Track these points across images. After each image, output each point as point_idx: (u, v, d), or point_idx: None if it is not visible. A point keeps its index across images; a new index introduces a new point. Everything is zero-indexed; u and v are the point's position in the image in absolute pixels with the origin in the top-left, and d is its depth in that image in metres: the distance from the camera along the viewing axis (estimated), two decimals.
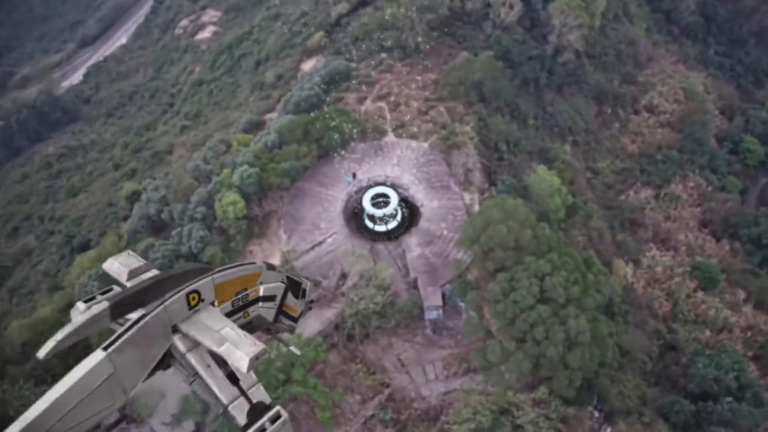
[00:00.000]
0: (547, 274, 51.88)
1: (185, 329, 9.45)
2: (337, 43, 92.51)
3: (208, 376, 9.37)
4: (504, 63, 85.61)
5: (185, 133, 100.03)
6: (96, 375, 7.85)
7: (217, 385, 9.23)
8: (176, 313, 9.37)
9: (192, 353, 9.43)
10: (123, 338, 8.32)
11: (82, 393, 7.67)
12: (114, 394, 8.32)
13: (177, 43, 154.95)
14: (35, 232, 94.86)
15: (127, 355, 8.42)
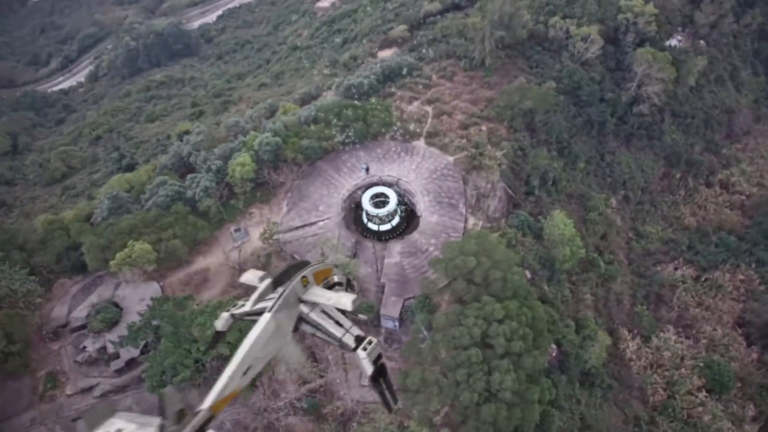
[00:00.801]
0: (497, 320, 49.44)
1: (306, 298, 15.24)
2: (416, 40, 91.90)
3: (325, 324, 15.09)
4: (569, 98, 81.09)
5: (261, 90, 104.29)
6: (269, 327, 13.74)
7: (332, 328, 14.86)
8: (298, 290, 15.14)
9: (313, 312, 15.14)
10: (277, 304, 14.30)
11: (264, 337, 13.55)
12: (279, 338, 14.44)
13: (299, 6, 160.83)
14: (109, 143, 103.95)
15: (281, 315, 14.31)
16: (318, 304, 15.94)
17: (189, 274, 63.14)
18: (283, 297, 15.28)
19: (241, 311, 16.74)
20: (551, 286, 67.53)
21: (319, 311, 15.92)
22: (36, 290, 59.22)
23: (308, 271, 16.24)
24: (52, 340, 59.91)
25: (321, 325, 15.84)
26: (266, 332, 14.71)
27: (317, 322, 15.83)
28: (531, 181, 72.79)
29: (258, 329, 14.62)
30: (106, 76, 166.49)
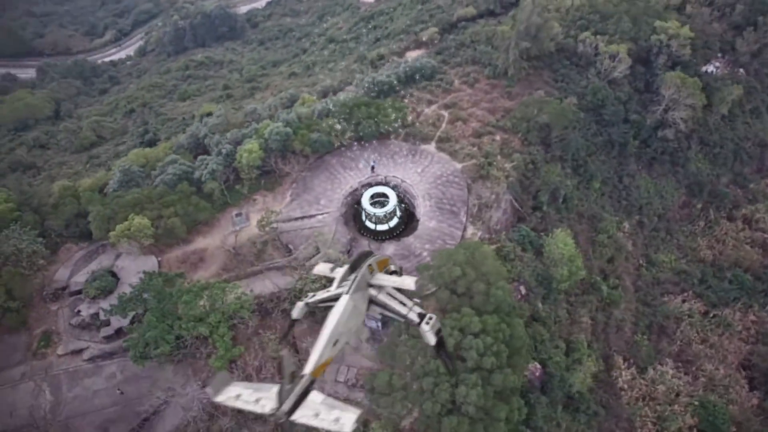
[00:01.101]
0: (473, 333, 48.80)
1: (374, 282, 19.35)
2: (444, 44, 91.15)
3: (392, 303, 19.01)
4: (591, 116, 79.08)
5: (290, 79, 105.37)
6: (348, 307, 17.70)
7: (398, 307, 18.79)
8: (367, 276, 18.98)
9: (380, 295, 19.33)
10: (353, 287, 18.37)
11: (345, 315, 17.57)
12: (357, 316, 18.65)
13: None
14: (139, 117, 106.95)
15: (356, 296, 18.25)
16: (384, 287, 19.90)
17: (187, 252, 64.55)
18: (356, 281, 18.94)
19: (315, 300, 20.77)
20: (546, 304, 66.15)
21: (386, 293, 19.89)
22: (41, 252, 61.60)
23: (373, 260, 19.90)
24: (52, 301, 62.26)
25: (388, 304, 19.71)
26: (346, 311, 18.60)
27: (385, 303, 19.68)
28: (539, 196, 71.38)
29: (339, 309, 18.58)
30: (153, 51, 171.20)
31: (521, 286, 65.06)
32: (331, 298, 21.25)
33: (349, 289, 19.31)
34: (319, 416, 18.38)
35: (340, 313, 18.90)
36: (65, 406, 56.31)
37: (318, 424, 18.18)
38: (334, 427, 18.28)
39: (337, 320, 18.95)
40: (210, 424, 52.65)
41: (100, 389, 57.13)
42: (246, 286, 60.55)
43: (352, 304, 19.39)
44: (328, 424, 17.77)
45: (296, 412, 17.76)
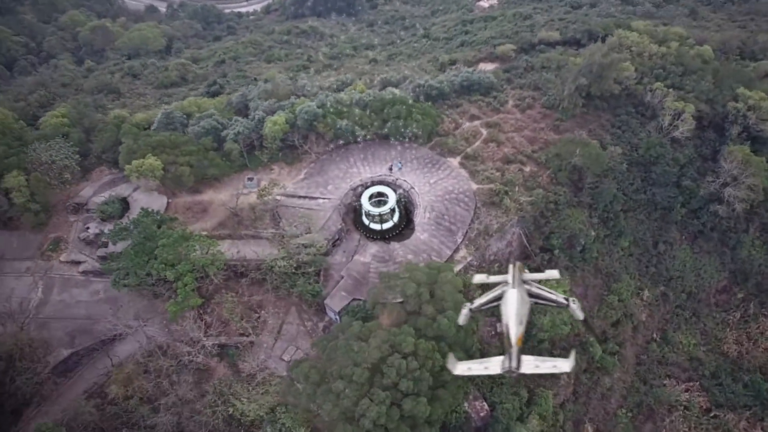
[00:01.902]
0: (403, 353, 47.60)
1: (525, 278, 30.87)
2: (515, 63, 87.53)
3: (544, 292, 30.64)
4: (639, 171, 73.00)
5: (369, 65, 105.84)
6: (518, 296, 29.19)
7: (549, 294, 30.49)
8: (519, 275, 30.27)
9: (533, 287, 30.41)
10: (516, 282, 29.82)
11: (519, 302, 29.13)
12: (526, 303, 29.77)
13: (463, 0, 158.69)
14: (223, 69, 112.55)
15: (521, 289, 29.70)
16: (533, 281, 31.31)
17: (195, 201, 67.91)
18: (516, 278, 30.01)
19: (479, 304, 32.40)
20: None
21: (535, 286, 30.74)
22: (71, 168, 67.41)
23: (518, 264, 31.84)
24: (72, 213, 68.15)
25: (541, 294, 30.56)
26: (519, 299, 29.32)
27: (538, 293, 30.40)
28: (552, 238, 67.26)
29: (514, 298, 29.54)
30: (276, 11, 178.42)
31: (498, 323, 62.23)
32: (496, 298, 32.00)
33: (514, 284, 30.16)
34: (539, 366, 29.46)
35: (516, 300, 29.57)
36: (50, 306, 61.83)
37: (542, 371, 29.44)
38: (555, 370, 30.08)
39: (517, 306, 29.51)
40: (154, 360, 55.67)
41: (82, 301, 62.05)
42: (232, 246, 63.00)
43: (520, 294, 29.69)
44: (548, 368, 29.60)
45: (521, 366, 28.52)
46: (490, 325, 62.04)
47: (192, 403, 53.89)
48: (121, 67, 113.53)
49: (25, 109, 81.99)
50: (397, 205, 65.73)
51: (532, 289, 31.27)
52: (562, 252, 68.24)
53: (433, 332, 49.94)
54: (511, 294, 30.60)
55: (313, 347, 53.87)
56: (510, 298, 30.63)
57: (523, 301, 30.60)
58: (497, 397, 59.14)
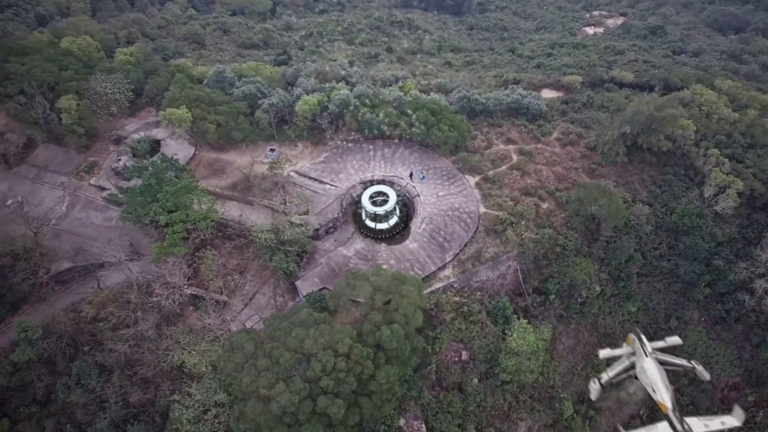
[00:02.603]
0: (334, 350, 47.47)
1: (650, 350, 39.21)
2: (577, 95, 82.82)
3: (670, 359, 39.14)
4: (667, 236, 67.18)
5: (443, 67, 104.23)
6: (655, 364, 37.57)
7: (674, 360, 38.92)
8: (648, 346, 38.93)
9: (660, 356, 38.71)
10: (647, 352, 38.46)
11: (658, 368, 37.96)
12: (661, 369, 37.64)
13: (572, 21, 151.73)
14: (307, 44, 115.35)
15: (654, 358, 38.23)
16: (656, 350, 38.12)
17: (218, 158, 70.87)
18: (646, 348, 37.41)
19: (610, 377, 39.86)
20: (482, 383, 60.44)
21: (661, 354, 38.01)
22: (120, 102, 72.47)
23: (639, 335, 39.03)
24: (113, 143, 73.45)
25: (667, 360, 37.89)
26: (656, 367, 36.54)
27: (665, 360, 37.47)
28: (549, 282, 63.73)
29: (652, 367, 37.22)
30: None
31: (464, 351, 60.39)
32: (626, 369, 39.33)
33: (646, 354, 37.37)
34: (708, 426, 35.45)
35: (655, 368, 36.45)
36: (68, 221, 67.41)
37: (712, 427, 35.46)
38: (724, 426, 35.29)
39: (659, 373, 36.34)
40: (131, 292, 59.24)
41: (95, 224, 67.03)
42: (236, 209, 65.35)
43: (655, 363, 36.07)
44: (717, 426, 35.11)
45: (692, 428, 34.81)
46: (455, 351, 60.21)
47: (150, 341, 57.01)
48: (217, 20, 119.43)
49: (110, 42, 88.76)
50: (398, 208, 65.14)
51: (659, 356, 38.13)
52: (558, 298, 64.46)
53: (374, 340, 49.27)
54: (648, 364, 37.84)
55: (265, 321, 54.94)
56: (649, 368, 37.56)
57: (660, 368, 37.30)
58: (440, 424, 57.65)
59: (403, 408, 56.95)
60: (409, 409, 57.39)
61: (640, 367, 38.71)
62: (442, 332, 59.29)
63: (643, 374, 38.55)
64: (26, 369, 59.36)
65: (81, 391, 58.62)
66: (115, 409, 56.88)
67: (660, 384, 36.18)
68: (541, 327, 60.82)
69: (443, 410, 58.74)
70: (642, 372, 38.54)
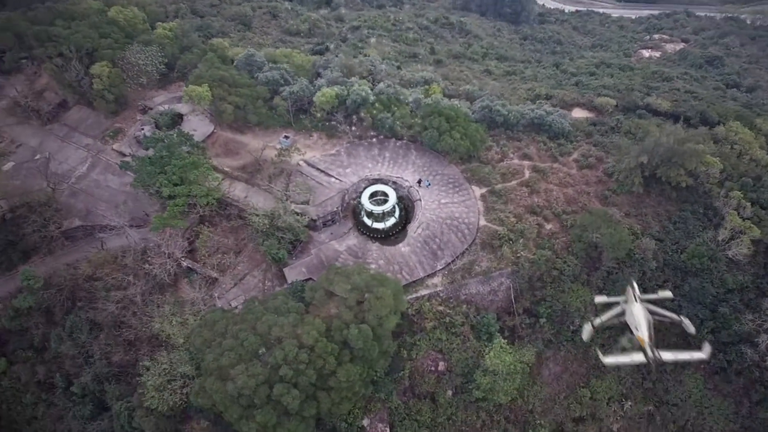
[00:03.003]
0: (299, 341, 47.68)
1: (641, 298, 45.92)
2: (606, 118, 79.77)
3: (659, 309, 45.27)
4: (674, 275, 63.82)
5: (481, 75, 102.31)
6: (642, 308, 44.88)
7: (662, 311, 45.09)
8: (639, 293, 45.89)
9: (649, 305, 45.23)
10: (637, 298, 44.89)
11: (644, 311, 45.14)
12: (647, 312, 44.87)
13: (630, 42, 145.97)
14: (351, 37, 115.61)
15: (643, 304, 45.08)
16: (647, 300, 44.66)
17: (234, 139, 72.22)
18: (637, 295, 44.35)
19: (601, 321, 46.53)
20: (456, 397, 59.32)
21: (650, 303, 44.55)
22: (151, 74, 74.78)
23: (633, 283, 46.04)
24: (140, 112, 75.98)
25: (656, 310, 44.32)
26: (643, 310, 43.61)
27: (654, 309, 44.02)
28: (541, 305, 61.80)
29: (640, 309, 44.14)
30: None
31: (441, 361, 59.50)
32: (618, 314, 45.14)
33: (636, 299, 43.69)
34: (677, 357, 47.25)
35: (643, 312, 42.40)
36: (86, 181, 70.32)
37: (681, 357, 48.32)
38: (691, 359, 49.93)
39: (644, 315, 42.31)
40: (127, 257, 61.33)
41: (111, 187, 69.67)
42: (243, 190, 66.48)
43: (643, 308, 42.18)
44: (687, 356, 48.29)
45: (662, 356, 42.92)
46: (432, 360, 59.36)
47: (136, 306, 58.91)
48: (270, 3, 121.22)
49: (159, 15, 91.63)
50: (397, 210, 64.73)
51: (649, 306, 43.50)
52: (549, 323, 62.45)
53: (341, 337, 49.17)
54: (637, 308, 44.00)
55: (245, 305, 55.65)
56: (636, 312, 43.66)
57: (645, 312, 42.91)
58: (406, 431, 57.15)
59: (369, 408, 56.73)
60: (375, 410, 57.11)
61: (629, 311, 45.15)
62: (421, 340, 58.62)
63: (630, 316, 44.88)
64: (26, 315, 62.74)
65: (71, 344, 61.39)
66: (99, 365, 59.28)
67: (644, 324, 42.40)
68: (523, 349, 59.16)
69: (411, 417, 58.19)
70: (630, 314, 44.91)
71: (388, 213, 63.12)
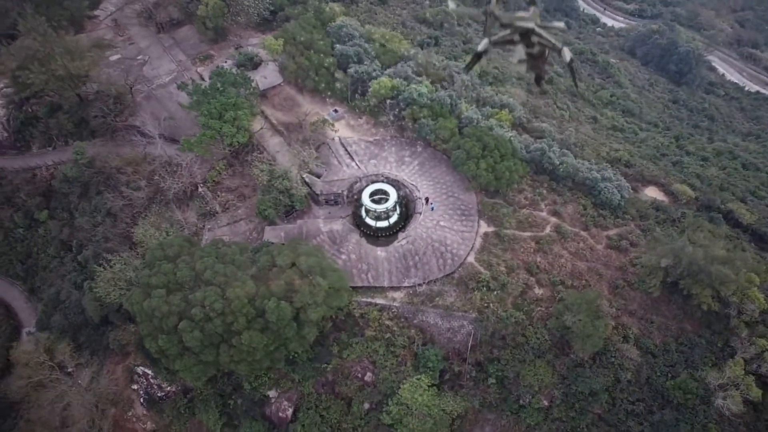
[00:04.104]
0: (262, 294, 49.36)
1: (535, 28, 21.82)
2: (674, 208, 69.74)
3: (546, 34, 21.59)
4: (652, 398, 55.23)
5: (593, 124, 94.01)
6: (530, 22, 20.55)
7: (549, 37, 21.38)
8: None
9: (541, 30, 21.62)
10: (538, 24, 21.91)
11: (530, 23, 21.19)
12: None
13: None
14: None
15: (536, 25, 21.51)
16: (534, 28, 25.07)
17: (292, 97, 75.09)
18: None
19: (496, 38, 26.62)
20: (370, 413, 57.52)
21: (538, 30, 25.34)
22: (251, 17, 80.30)
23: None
24: (234, 47, 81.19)
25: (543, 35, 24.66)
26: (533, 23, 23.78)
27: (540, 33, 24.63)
28: (492, 366, 56.96)
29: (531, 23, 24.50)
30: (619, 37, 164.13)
31: (370, 372, 58.05)
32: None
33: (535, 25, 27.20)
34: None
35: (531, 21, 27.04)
36: (163, 90, 77.41)
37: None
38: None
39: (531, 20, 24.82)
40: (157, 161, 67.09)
41: (176, 102, 75.32)
42: (277, 144, 69.02)
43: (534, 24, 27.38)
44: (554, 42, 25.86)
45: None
46: (362, 368, 57.92)
47: (138, 208, 64.66)
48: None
49: None
50: (394, 216, 63.23)
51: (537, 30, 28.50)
52: (498, 385, 57.54)
53: (261, 306, 49.75)
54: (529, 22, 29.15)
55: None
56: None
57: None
58: (308, 420, 57.06)
59: (279, 384, 57.26)
60: (285, 387, 57.62)
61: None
62: (358, 344, 57.38)
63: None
64: (70, 183, 71.50)
65: (89, 220, 69.17)
66: (97, 247, 66.11)
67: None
68: (448, 398, 55.40)
69: (318, 411, 57.84)
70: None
71: (384, 213, 61.80)
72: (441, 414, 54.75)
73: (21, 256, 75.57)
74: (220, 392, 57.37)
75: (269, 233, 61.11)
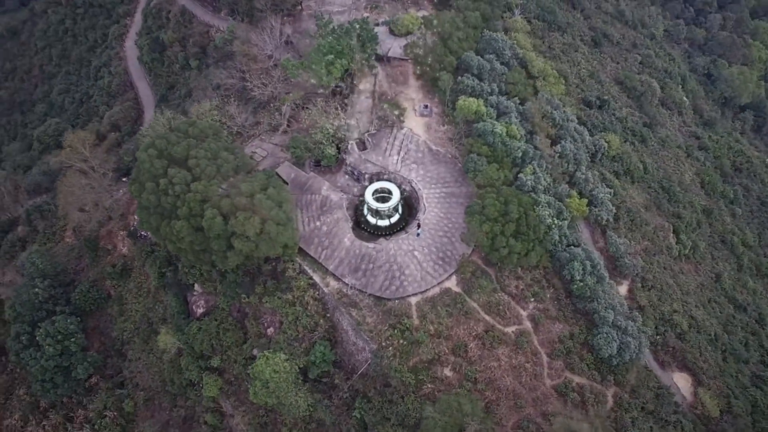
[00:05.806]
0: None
1: None
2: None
3: None
4: None
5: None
6: None
7: None
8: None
9: None
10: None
11: None
12: None
13: None
14: None
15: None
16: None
17: (407, 75, 74.26)
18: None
19: None
20: (249, 363, 58.10)
21: None
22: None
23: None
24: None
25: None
26: None
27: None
28: (360, 401, 53.75)
29: None
30: None
31: (273, 329, 59.60)
32: None
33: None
34: None
35: None
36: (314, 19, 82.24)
37: None
38: None
39: None
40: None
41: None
42: (364, 103, 71.35)
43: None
44: None
45: None
46: (270, 319, 59.31)
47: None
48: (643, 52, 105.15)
49: None
50: (394, 217, 62.31)
51: None
52: (358, 423, 54.16)
53: (216, 206, 53.24)
54: None
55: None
56: None
57: None
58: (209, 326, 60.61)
59: (205, 286, 61.97)
60: (208, 290, 62.02)
61: None
62: (279, 300, 57.76)
63: None
64: (215, 47, 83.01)
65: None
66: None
67: None
68: (305, 393, 54.07)
69: (220, 327, 60.84)
70: None
71: (382, 213, 60.55)
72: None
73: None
74: (167, 257, 64.13)
75: (284, 169, 63.93)
